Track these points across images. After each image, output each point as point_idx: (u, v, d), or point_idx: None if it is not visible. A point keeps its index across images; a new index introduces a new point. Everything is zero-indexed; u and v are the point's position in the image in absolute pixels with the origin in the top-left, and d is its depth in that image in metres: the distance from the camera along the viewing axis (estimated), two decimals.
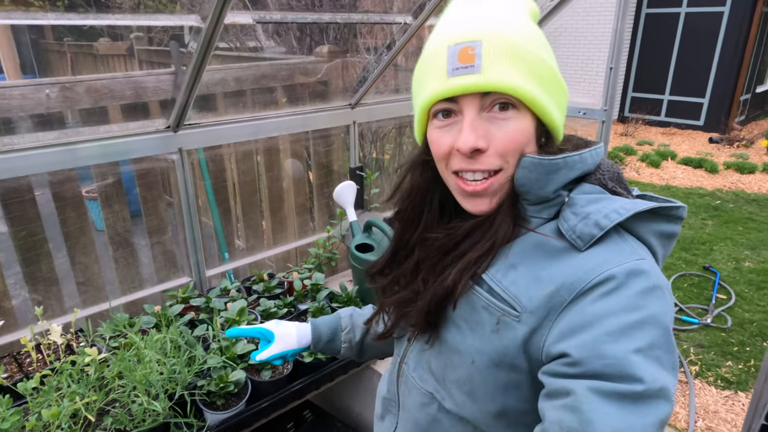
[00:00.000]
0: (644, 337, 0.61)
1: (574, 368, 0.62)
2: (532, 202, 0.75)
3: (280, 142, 2.46)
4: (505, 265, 0.74)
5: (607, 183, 0.75)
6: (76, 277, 2.00)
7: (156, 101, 2.30)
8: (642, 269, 0.66)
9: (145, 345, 1.45)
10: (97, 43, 5.41)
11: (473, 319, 0.76)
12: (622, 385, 0.59)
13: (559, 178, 0.73)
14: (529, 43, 0.70)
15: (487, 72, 0.68)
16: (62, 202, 1.92)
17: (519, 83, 0.68)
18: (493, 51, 0.68)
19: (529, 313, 0.70)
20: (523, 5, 0.75)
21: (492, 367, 0.74)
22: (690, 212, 5.94)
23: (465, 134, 0.71)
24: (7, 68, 6.15)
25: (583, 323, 0.64)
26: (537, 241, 0.74)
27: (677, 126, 9.72)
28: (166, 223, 2.22)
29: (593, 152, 0.75)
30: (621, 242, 0.70)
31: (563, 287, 0.68)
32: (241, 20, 1.46)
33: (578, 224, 0.70)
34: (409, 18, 1.86)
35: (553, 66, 0.73)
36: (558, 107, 0.74)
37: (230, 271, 2.41)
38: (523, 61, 0.69)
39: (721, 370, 3.37)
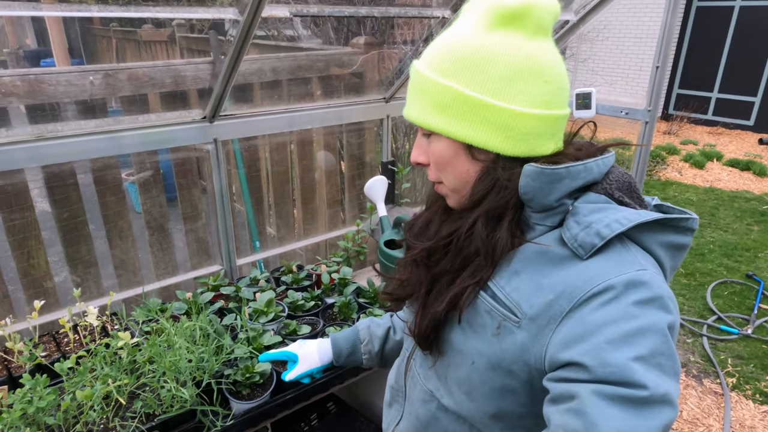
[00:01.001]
0: (645, 344, 0.62)
1: (578, 374, 0.63)
2: (536, 210, 0.76)
3: (313, 134, 2.46)
4: (508, 271, 0.76)
5: (614, 193, 0.75)
6: (113, 260, 2.06)
7: (194, 90, 2.34)
8: (642, 280, 0.66)
9: (175, 332, 1.48)
10: (141, 29, 5.54)
11: (477, 322, 0.78)
12: (625, 389, 0.59)
13: (561, 187, 0.73)
14: (434, 73, 0.76)
15: (407, 106, 0.82)
16: (103, 186, 1.98)
17: (418, 115, 0.78)
18: (411, 86, 0.81)
19: (528, 319, 0.72)
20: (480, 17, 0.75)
21: (489, 369, 0.76)
22: (735, 217, 5.69)
23: (413, 151, 0.85)
24: (57, 54, 6.37)
25: (583, 332, 0.65)
26: (540, 249, 0.75)
27: (725, 125, 9.29)
28: (200, 210, 2.27)
29: (600, 162, 0.76)
30: (624, 252, 0.70)
31: (563, 296, 0.69)
32: (279, 14, 1.45)
33: (580, 233, 0.71)
34: (447, 12, 1.82)
35: (459, 88, 0.74)
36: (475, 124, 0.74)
37: (261, 260, 2.44)
38: (425, 94, 0.77)
39: (761, 383, 3.23)
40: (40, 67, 5.12)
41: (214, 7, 1.34)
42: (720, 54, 9.10)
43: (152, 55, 5.59)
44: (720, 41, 9.04)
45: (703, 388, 3.20)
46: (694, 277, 4.42)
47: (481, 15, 0.75)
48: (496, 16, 0.73)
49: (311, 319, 1.81)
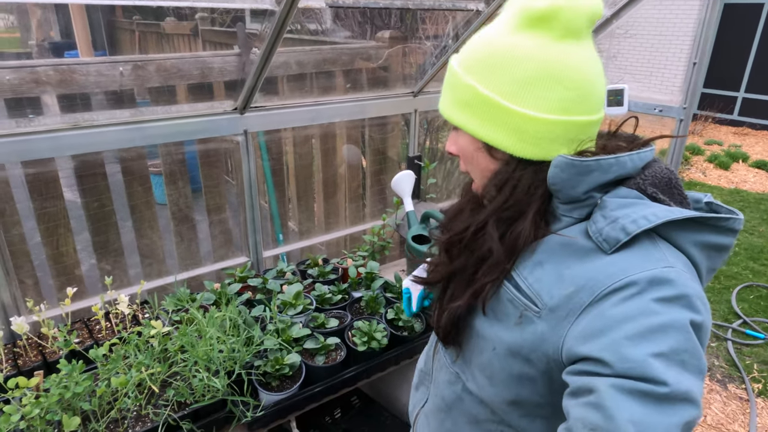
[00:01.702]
0: (666, 341, 0.61)
1: (597, 368, 0.62)
2: (564, 201, 0.76)
3: (338, 128, 2.45)
4: (532, 262, 0.77)
5: (647, 188, 0.74)
6: (140, 249, 2.08)
7: (221, 82, 2.34)
8: (667, 277, 0.65)
9: (207, 322, 1.49)
10: (164, 22, 5.58)
11: (500, 310, 0.79)
12: (645, 384, 0.58)
13: (590, 180, 0.72)
14: (462, 70, 0.78)
15: (440, 98, 0.85)
16: (130, 176, 1.99)
17: (443, 108, 0.83)
18: (445, 80, 0.84)
19: (548, 310, 0.72)
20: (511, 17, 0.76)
21: (509, 356, 0.77)
22: (761, 219, 5.57)
23: (448, 139, 0.88)
24: (80, 45, 6.44)
25: (602, 327, 0.64)
26: (565, 241, 0.75)
27: (751, 126, 9.08)
28: (225, 202, 2.28)
29: (636, 156, 0.74)
30: (651, 248, 0.69)
31: (584, 289, 0.69)
32: (315, 4, 1.44)
33: (605, 227, 0.70)
34: (481, 5, 1.79)
35: (478, 87, 0.76)
36: (491, 125, 0.76)
37: (283, 254, 2.44)
38: (452, 89, 0.80)
39: None
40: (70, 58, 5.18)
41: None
42: (748, 53, 8.90)
43: (175, 48, 5.62)
44: (748, 40, 8.83)
45: (727, 393, 3.14)
46: (719, 280, 4.34)
47: (512, 15, 0.75)
48: (524, 17, 0.73)
49: (339, 312, 1.81)
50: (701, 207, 0.77)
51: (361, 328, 1.67)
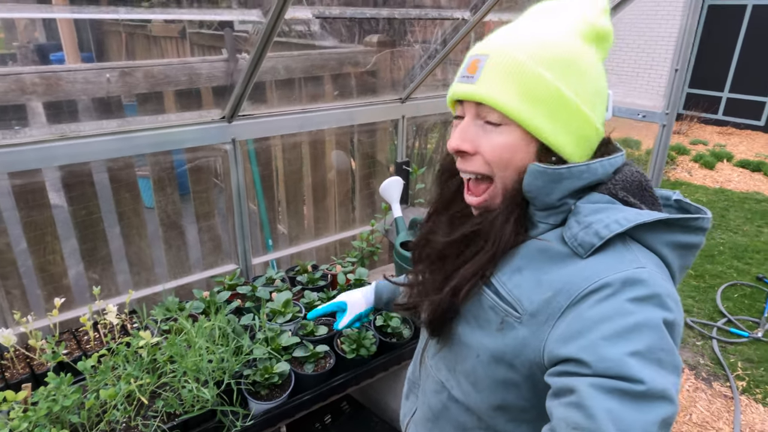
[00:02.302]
0: (641, 340, 0.63)
1: (577, 368, 0.64)
2: (539, 208, 0.79)
3: (327, 134, 2.46)
4: (510, 268, 0.79)
5: (618, 193, 0.76)
6: (129, 257, 2.08)
7: (209, 88, 2.34)
8: (639, 278, 0.68)
9: (196, 332, 1.49)
10: (152, 24, 5.54)
11: (482, 317, 0.81)
12: (623, 383, 0.60)
13: (563, 187, 0.75)
14: (535, 63, 0.73)
15: (479, 84, 0.75)
16: (118, 184, 1.99)
17: (505, 100, 0.73)
18: (493, 66, 0.74)
19: (529, 315, 0.74)
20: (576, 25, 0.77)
21: (493, 362, 0.78)
22: (745, 218, 5.66)
23: (453, 135, 0.79)
24: (66, 47, 6.37)
25: (581, 328, 0.67)
26: (542, 247, 0.77)
27: (735, 126, 9.22)
28: (215, 208, 2.28)
29: (606, 162, 0.77)
30: (624, 251, 0.71)
31: (561, 293, 0.71)
32: (301, 15, 1.45)
33: (579, 233, 0.73)
34: (467, 14, 1.82)
35: (561, 87, 0.74)
36: (562, 128, 0.75)
37: (273, 260, 2.45)
38: (518, 79, 0.73)
39: None
40: (53, 64, 5.12)
41: (238, 9, 1.34)
42: (731, 53, 9.03)
43: (163, 50, 5.59)
44: (731, 40, 8.96)
45: (712, 391, 3.19)
46: (704, 278, 4.41)
47: (576, 22, 0.77)
48: (591, 31, 0.76)
49: (328, 320, 1.82)
50: (671, 204, 0.81)
51: (350, 336, 1.68)
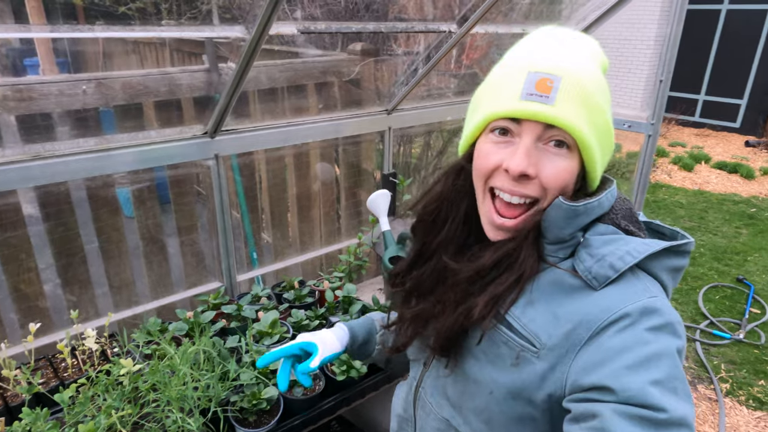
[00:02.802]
0: (660, 369, 0.65)
1: (602, 396, 0.66)
2: (551, 242, 0.79)
3: (312, 147, 2.42)
4: (522, 301, 0.78)
5: (620, 222, 0.79)
6: (108, 278, 2.01)
7: (189, 98, 2.28)
8: (655, 307, 0.70)
9: (180, 359, 1.44)
10: None
11: (493, 352, 0.79)
12: (645, 411, 0.62)
13: (577, 222, 0.77)
14: (597, 93, 0.75)
15: (558, 106, 0.72)
16: (96, 201, 1.92)
17: (581, 126, 0.73)
18: (569, 90, 0.73)
19: (548, 349, 0.73)
20: (598, 57, 0.80)
21: (509, 399, 0.77)
22: (724, 220, 5.76)
23: (519, 157, 0.74)
24: (40, 52, 6.22)
25: (603, 358, 0.68)
26: (553, 280, 0.77)
27: (712, 127, 9.41)
28: (197, 223, 2.22)
29: (609, 195, 0.79)
30: (634, 280, 0.74)
31: (581, 325, 0.72)
32: (286, 31, 1.42)
33: (594, 266, 0.74)
34: (453, 26, 1.80)
35: (610, 119, 0.77)
36: (602, 158, 0.78)
37: (259, 276, 2.40)
38: (588, 107, 0.73)
39: (753, 389, 3.27)
40: (27, 70, 4.99)
41: (219, 25, 1.30)
42: (707, 57, 9.22)
43: (141, 56, 5.48)
44: (707, 44, 9.16)
45: (697, 394, 3.23)
46: (686, 281, 4.47)
47: (595, 57, 0.80)
48: (603, 65, 0.81)
49: None
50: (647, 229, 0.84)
51: (340, 357, 1.64)
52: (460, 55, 2.57)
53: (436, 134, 3.31)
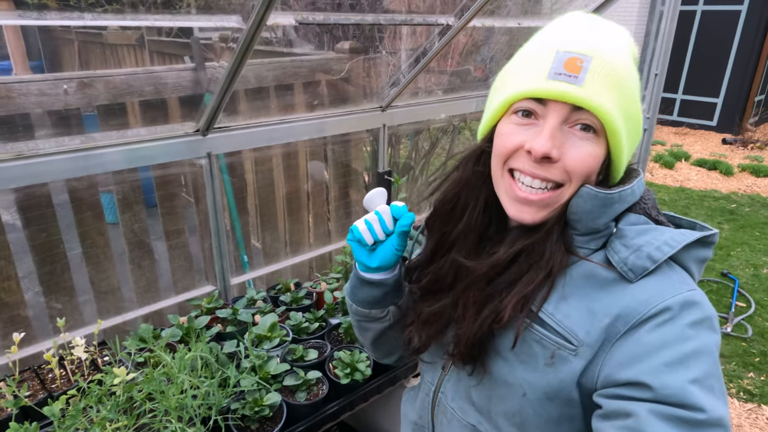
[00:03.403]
0: (699, 367, 0.63)
1: (638, 393, 0.63)
2: (581, 233, 0.75)
3: (303, 146, 2.37)
4: (555, 297, 0.74)
5: (651, 212, 0.77)
6: (95, 285, 1.92)
7: (175, 98, 2.21)
8: (695, 300, 0.68)
9: (176, 365, 1.37)
10: (106, 32, 5.29)
11: (524, 352, 0.75)
12: (683, 411, 0.60)
13: (611, 212, 0.73)
14: (629, 78, 0.71)
15: (588, 87, 0.68)
16: (79, 203, 1.83)
17: (611, 110, 0.68)
18: (599, 71, 0.68)
19: (586, 346, 0.70)
20: (630, 46, 0.76)
21: (545, 400, 0.73)
22: (706, 216, 5.86)
23: (543, 138, 0.70)
24: (13, 54, 6.02)
25: (641, 353, 0.65)
26: (585, 273, 0.74)
27: (690, 126, 9.60)
28: (184, 227, 2.14)
29: (639, 182, 0.77)
30: (670, 272, 0.71)
31: (619, 319, 0.69)
32: (284, 21, 1.36)
33: (630, 256, 0.70)
34: (452, 19, 1.76)
35: (639, 108, 0.74)
36: (629, 147, 0.74)
37: (250, 280, 2.33)
38: (619, 90, 0.69)
39: (743, 381, 3.30)
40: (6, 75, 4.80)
41: (216, 15, 1.24)
42: (684, 57, 9.41)
43: (119, 59, 5.34)
44: (684, 44, 9.34)
45: None
46: None
47: (628, 46, 0.75)
48: (634, 55, 0.76)
49: (317, 342, 1.72)
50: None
51: (342, 359, 1.59)
52: (453, 52, 2.55)
53: (426, 133, 3.28)
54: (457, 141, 3.41)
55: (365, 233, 0.88)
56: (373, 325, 0.97)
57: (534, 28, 1.47)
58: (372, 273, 0.90)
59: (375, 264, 0.88)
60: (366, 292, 0.92)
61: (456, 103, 2.62)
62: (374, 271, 0.90)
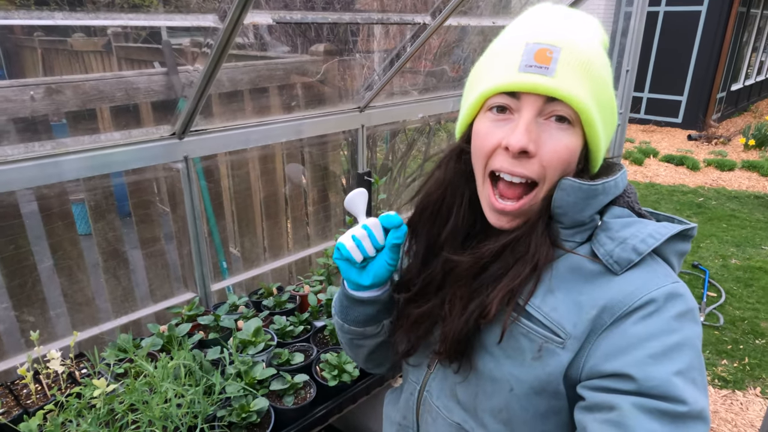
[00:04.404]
0: (683, 359, 0.64)
1: (622, 385, 0.64)
2: (567, 226, 0.75)
3: (280, 148, 2.34)
4: (542, 291, 0.74)
5: (634, 205, 0.77)
6: (69, 295, 1.86)
7: (148, 103, 2.16)
8: (679, 292, 0.68)
9: (160, 375, 1.33)
10: (71, 38, 5.14)
11: (510, 347, 0.74)
12: (666, 404, 0.61)
13: (596, 204, 0.74)
14: (599, 66, 0.71)
15: (559, 78, 0.68)
16: (49, 214, 1.77)
17: (584, 99, 0.68)
18: (570, 60, 0.68)
19: (574, 339, 0.70)
20: (599, 34, 0.77)
21: (533, 395, 0.73)
22: (675, 210, 6.03)
23: (519, 133, 0.69)
24: None
25: (626, 345, 0.66)
26: (572, 266, 0.74)
27: (656, 123, 9.88)
28: (160, 234, 2.09)
29: (623, 175, 0.77)
30: (654, 265, 0.71)
31: (605, 310, 0.69)
32: (261, 20, 1.34)
33: (615, 249, 0.71)
34: (428, 18, 1.77)
35: (613, 95, 0.74)
36: (605, 136, 0.74)
37: (230, 286, 2.29)
38: (591, 78, 0.69)
39: (717, 369, 3.40)
40: None
41: (191, 14, 1.21)
42: (649, 56, 9.69)
43: (86, 66, 5.20)
44: (648, 44, 9.62)
45: None
46: None
47: (597, 35, 0.76)
48: (604, 42, 0.77)
49: (302, 345, 1.70)
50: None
51: (329, 361, 1.57)
52: (428, 53, 2.56)
53: (402, 134, 3.29)
54: (433, 142, 3.43)
55: (354, 251, 0.82)
56: (368, 342, 0.93)
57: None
58: (364, 291, 0.86)
59: (368, 282, 0.83)
60: (359, 311, 0.88)
61: (432, 103, 2.64)
62: (366, 289, 0.85)
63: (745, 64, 10.97)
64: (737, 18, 9.07)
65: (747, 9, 9.61)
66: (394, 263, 0.83)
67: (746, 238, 5.25)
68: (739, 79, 10.83)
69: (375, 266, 0.83)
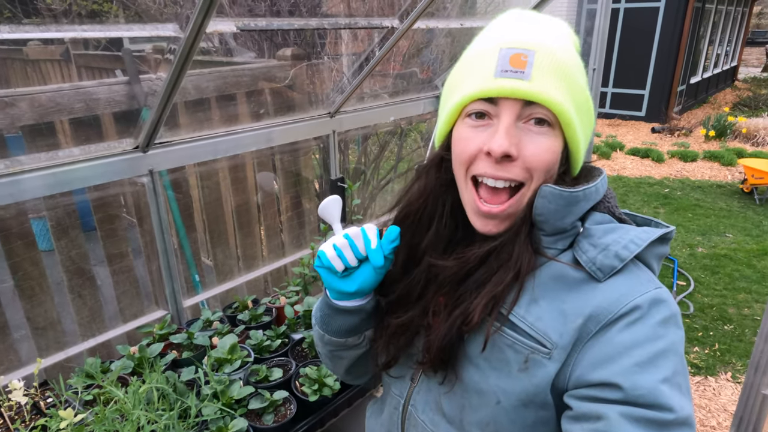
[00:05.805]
0: (668, 365, 0.64)
1: (609, 394, 0.63)
2: (549, 233, 0.74)
3: (249, 157, 2.29)
4: (525, 300, 0.73)
5: (615, 210, 0.77)
6: (30, 319, 1.77)
7: (109, 114, 2.07)
8: (662, 298, 0.68)
9: (131, 401, 1.27)
10: (26, 47, 4.94)
11: (496, 358, 0.73)
12: (653, 412, 0.61)
13: (577, 210, 0.73)
14: (574, 67, 0.71)
15: (535, 81, 0.68)
16: (7, 234, 1.68)
17: (561, 100, 0.68)
18: (544, 63, 0.68)
19: (560, 349, 0.70)
20: (570, 36, 0.77)
21: (520, 407, 0.72)
22: (643, 201, 6.17)
23: (500, 137, 0.69)
24: None
25: (612, 354, 0.65)
26: (554, 274, 0.73)
27: (621, 117, 10.12)
28: (128, 249, 2.01)
29: (603, 180, 0.77)
30: (637, 270, 0.71)
31: (590, 319, 0.69)
32: (224, 29, 1.30)
33: (598, 256, 0.70)
34: (396, 22, 1.75)
35: (589, 96, 0.74)
36: (584, 138, 0.74)
37: (203, 301, 2.22)
38: (567, 81, 0.70)
39: (690, 356, 3.48)
40: None
41: (150, 23, 1.16)
42: (611, 52, 9.93)
43: (43, 76, 5.01)
44: (610, 40, 9.85)
45: None
46: None
47: (569, 37, 0.76)
48: (576, 44, 0.77)
49: (281, 359, 1.66)
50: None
51: (309, 375, 1.54)
52: (398, 55, 2.55)
53: (374, 137, 3.26)
54: (405, 144, 3.41)
55: (335, 260, 0.80)
56: (349, 353, 0.91)
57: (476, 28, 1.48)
58: (348, 300, 0.83)
59: (353, 288, 0.80)
60: (341, 320, 0.85)
61: (404, 105, 2.62)
62: (350, 298, 0.83)
63: (702, 58, 11.34)
64: (694, 12, 9.37)
65: (702, 4, 9.94)
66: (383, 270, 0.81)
67: (711, 227, 5.41)
68: (697, 71, 11.19)
69: (362, 273, 0.80)
